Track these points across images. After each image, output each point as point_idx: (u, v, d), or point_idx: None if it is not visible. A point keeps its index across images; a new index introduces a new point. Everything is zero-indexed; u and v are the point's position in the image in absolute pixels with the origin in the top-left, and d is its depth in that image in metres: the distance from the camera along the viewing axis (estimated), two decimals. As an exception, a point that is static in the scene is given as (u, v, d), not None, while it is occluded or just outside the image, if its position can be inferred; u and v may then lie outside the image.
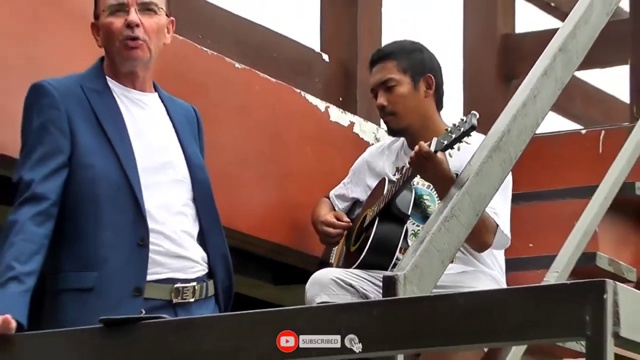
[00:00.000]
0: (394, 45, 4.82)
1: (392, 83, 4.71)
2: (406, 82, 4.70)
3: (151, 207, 3.74)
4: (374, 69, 4.78)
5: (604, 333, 2.73)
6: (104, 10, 3.83)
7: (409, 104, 4.69)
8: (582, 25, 4.82)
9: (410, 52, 4.76)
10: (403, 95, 4.70)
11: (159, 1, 3.85)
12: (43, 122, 3.73)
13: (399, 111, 4.71)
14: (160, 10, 3.85)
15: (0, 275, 3.56)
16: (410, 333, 3.04)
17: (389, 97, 4.72)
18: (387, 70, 4.72)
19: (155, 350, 3.28)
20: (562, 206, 5.15)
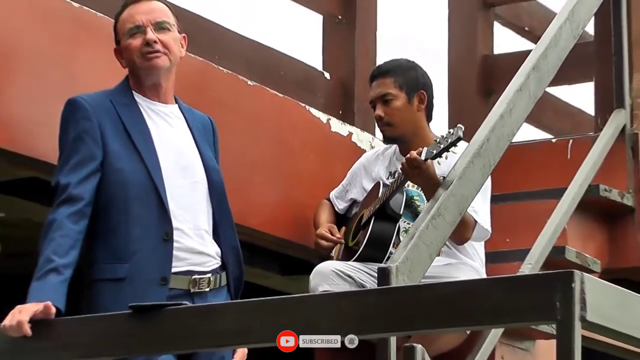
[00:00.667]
0: (392, 63, 4.82)
1: (389, 97, 4.73)
2: (401, 97, 4.73)
3: (174, 206, 3.74)
4: (373, 84, 4.80)
5: (572, 317, 2.72)
6: (124, 34, 3.84)
7: (403, 116, 4.72)
8: (552, 47, 4.84)
9: (406, 70, 4.78)
10: (398, 108, 4.73)
11: (170, 19, 3.86)
12: (78, 133, 3.73)
13: (395, 122, 4.74)
14: (172, 27, 3.86)
15: (41, 268, 3.55)
16: (402, 317, 3.03)
17: (385, 110, 4.74)
18: (385, 85, 4.74)
19: (178, 332, 3.29)
20: (535, 206, 5.14)
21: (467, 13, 6.53)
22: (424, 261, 3.97)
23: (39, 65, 4.13)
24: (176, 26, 3.88)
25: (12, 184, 4.42)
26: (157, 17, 3.84)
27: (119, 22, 3.88)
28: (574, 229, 5.18)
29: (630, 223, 5.44)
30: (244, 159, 4.75)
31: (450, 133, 4.43)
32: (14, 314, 3.43)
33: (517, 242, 4.97)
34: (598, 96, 5.69)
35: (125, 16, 3.86)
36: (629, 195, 5.42)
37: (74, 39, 4.24)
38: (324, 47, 5.66)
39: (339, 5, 5.60)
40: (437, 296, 3.02)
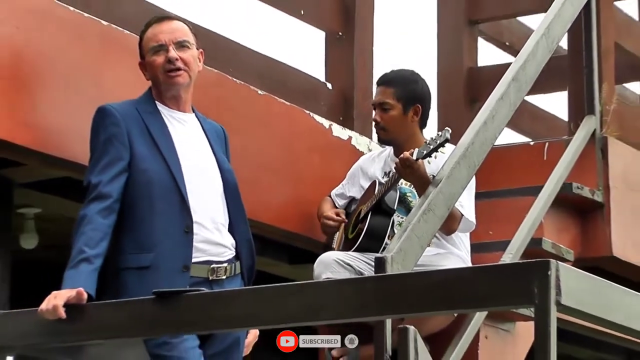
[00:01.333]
0: (397, 75, 4.78)
1: (387, 106, 4.72)
2: (398, 107, 4.71)
3: (193, 202, 3.73)
4: (377, 89, 4.78)
5: (549, 301, 2.73)
6: (148, 51, 3.84)
7: (397, 124, 4.71)
8: (530, 60, 4.84)
9: (408, 84, 4.74)
10: (393, 117, 4.72)
11: (189, 38, 3.86)
12: (107, 137, 3.73)
13: (389, 128, 4.73)
14: (191, 45, 3.86)
15: (74, 258, 3.55)
16: (396, 302, 3.03)
17: (382, 116, 4.74)
18: (385, 95, 4.72)
19: (197, 315, 3.30)
20: (515, 202, 5.13)
21: (454, 29, 6.52)
22: (416, 251, 3.97)
23: (71, 77, 4.13)
24: (195, 44, 3.88)
25: (48, 183, 4.42)
26: (178, 36, 3.84)
27: (144, 40, 3.88)
28: (549, 223, 5.18)
29: (600, 217, 5.44)
30: (256, 161, 4.75)
31: (439, 135, 4.43)
32: (49, 299, 3.43)
33: (499, 234, 4.96)
34: (571, 104, 5.69)
35: (149, 34, 3.86)
36: (598, 192, 5.42)
37: (102, 54, 4.24)
38: (326, 60, 5.66)
39: (339, 23, 5.60)
40: (427, 283, 3.02)
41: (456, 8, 6.49)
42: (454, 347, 4.48)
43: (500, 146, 5.17)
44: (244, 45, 5.20)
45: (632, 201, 5.61)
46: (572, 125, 5.54)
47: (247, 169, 4.30)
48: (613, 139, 5.52)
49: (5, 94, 3.91)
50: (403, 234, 3.95)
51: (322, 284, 3.65)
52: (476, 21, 6.61)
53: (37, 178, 4.34)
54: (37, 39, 4.03)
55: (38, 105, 4.03)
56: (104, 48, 4.24)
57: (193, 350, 3.64)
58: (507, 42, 6.90)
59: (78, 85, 4.13)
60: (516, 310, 4.68)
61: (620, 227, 5.48)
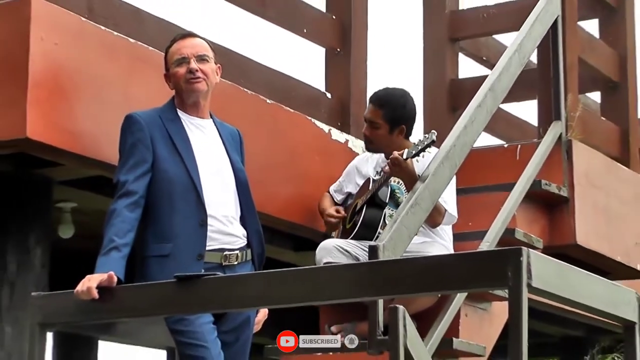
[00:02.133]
0: (388, 96, 4.68)
1: (375, 125, 4.67)
2: (385, 127, 4.64)
3: (208, 199, 3.73)
4: (369, 106, 4.71)
5: (521, 284, 2.72)
6: (172, 63, 3.84)
7: (382, 140, 4.66)
8: (504, 72, 4.85)
9: (396, 108, 4.65)
10: (380, 135, 4.66)
11: (209, 53, 3.86)
12: (134, 141, 3.72)
13: (375, 142, 4.70)
14: (210, 59, 3.85)
15: (105, 246, 3.56)
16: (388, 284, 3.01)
17: (371, 132, 4.69)
18: (375, 114, 4.66)
19: (212, 296, 3.29)
20: (491, 197, 5.13)
21: (438, 46, 6.53)
22: (404, 240, 3.97)
23: (102, 88, 4.13)
24: (213, 59, 3.88)
25: (82, 180, 4.42)
26: (199, 51, 3.84)
27: (169, 54, 3.88)
28: (521, 215, 5.17)
29: (566, 210, 5.44)
30: (264, 161, 4.74)
31: (426, 137, 4.43)
32: (84, 282, 3.43)
33: (477, 225, 4.96)
34: (540, 111, 5.69)
35: (173, 49, 3.86)
36: (564, 188, 5.42)
37: (129, 68, 4.24)
38: (326, 73, 5.66)
39: (337, 40, 5.60)
40: (415, 267, 3.02)
41: (439, 27, 6.50)
42: (438, 324, 4.48)
43: (478, 148, 5.17)
44: (253, 60, 5.20)
45: (593, 196, 5.61)
46: (541, 130, 5.54)
47: (256, 168, 4.30)
48: (577, 141, 5.52)
49: (45, 103, 3.91)
50: (393, 225, 3.96)
51: (323, 269, 3.67)
52: (457, 39, 6.61)
53: (73, 176, 4.34)
54: (73, 54, 4.03)
55: (74, 112, 4.03)
56: (131, 62, 4.24)
57: (207, 325, 3.64)
58: (484, 57, 6.90)
59: (108, 95, 4.13)
60: (492, 291, 4.67)
61: (583, 218, 5.48)
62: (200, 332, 3.61)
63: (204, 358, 3.60)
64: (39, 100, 3.88)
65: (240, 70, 4.88)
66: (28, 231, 4.15)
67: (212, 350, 3.62)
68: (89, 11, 4.29)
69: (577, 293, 3.01)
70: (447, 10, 6.51)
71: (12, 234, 4.12)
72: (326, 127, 5.22)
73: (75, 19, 4.08)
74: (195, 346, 3.60)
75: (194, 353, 3.60)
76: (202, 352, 3.60)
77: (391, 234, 3.88)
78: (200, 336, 3.61)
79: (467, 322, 4.76)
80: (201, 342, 3.60)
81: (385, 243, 3.80)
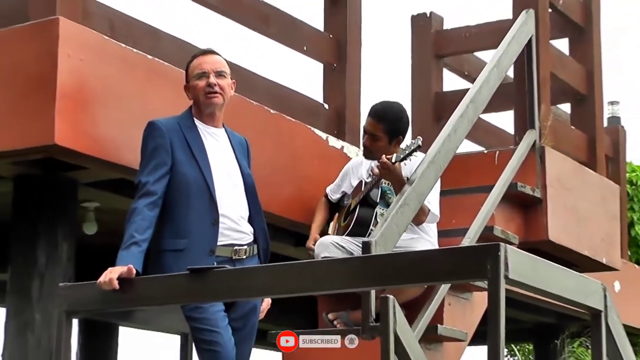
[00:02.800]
0: (387, 110, 4.65)
1: (376, 137, 4.63)
2: (385, 139, 4.62)
3: (220, 200, 3.72)
4: (369, 119, 4.67)
5: (499, 276, 2.73)
6: (192, 77, 3.84)
7: (381, 149, 4.61)
8: (484, 86, 4.85)
9: (395, 121, 4.62)
10: (380, 146, 4.62)
11: (226, 69, 3.86)
12: (154, 146, 3.72)
13: (374, 152, 4.65)
14: (227, 75, 3.86)
15: (126, 241, 3.55)
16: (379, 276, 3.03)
17: (371, 143, 4.66)
18: (376, 127, 4.63)
19: (223, 287, 3.29)
20: (472, 197, 5.13)
21: (424, 62, 6.53)
22: (394, 236, 3.98)
23: (123, 99, 4.13)
24: (229, 74, 3.88)
25: (105, 183, 4.41)
26: (218, 67, 3.84)
27: (190, 67, 3.87)
28: (499, 214, 5.18)
29: (539, 210, 5.44)
30: (268, 165, 4.73)
31: (413, 143, 4.43)
32: (106, 274, 3.43)
33: (460, 223, 4.95)
34: (516, 120, 5.68)
35: (195, 63, 3.86)
36: (538, 190, 5.43)
37: (147, 81, 4.23)
38: (324, 86, 5.65)
39: (334, 57, 5.60)
40: (404, 261, 3.02)
41: (426, 45, 6.51)
42: (424, 312, 4.48)
43: (461, 154, 5.17)
44: (258, 74, 5.20)
45: (564, 197, 5.62)
46: (516, 137, 5.53)
47: (262, 172, 4.30)
48: (549, 148, 5.52)
49: (72, 112, 3.91)
50: (384, 223, 3.96)
51: (321, 263, 3.66)
52: (442, 55, 6.62)
53: (96, 179, 4.33)
54: (96, 69, 4.03)
55: (97, 121, 4.02)
56: (148, 76, 4.24)
57: (219, 313, 3.64)
58: (466, 72, 6.90)
59: (128, 105, 4.13)
60: (473, 282, 4.67)
61: (555, 217, 5.49)
62: (214, 319, 3.61)
63: (217, 342, 3.60)
64: (66, 110, 3.87)
65: (247, 84, 4.88)
66: (56, 228, 4.14)
67: (224, 335, 3.62)
68: (111, 30, 4.29)
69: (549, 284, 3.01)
70: (432, 30, 6.52)
71: (41, 231, 4.11)
72: (324, 134, 5.21)
73: (99, 37, 4.08)
74: (209, 331, 3.60)
75: (207, 337, 3.61)
76: (214, 336, 3.60)
77: (382, 231, 3.88)
78: (214, 322, 3.61)
79: (451, 310, 4.76)
80: (214, 327, 3.61)
81: (377, 239, 3.80)
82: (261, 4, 5.19)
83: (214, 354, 3.59)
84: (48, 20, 3.93)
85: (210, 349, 3.60)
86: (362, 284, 3.18)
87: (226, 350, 3.61)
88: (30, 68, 3.93)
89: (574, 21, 6.32)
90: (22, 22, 4.02)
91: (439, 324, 4.62)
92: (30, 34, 3.96)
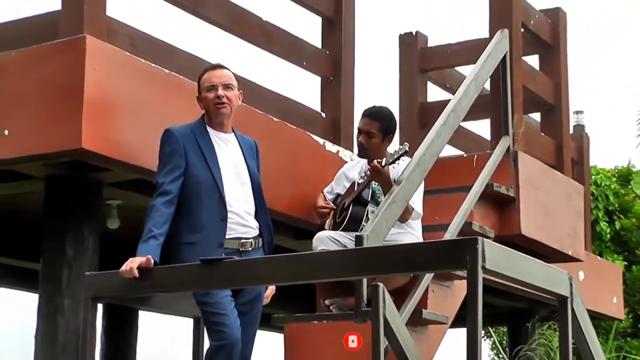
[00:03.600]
0: (381, 112, 4.66)
1: (372, 135, 4.63)
2: (379, 137, 4.63)
3: (229, 198, 3.73)
4: (365, 119, 4.66)
5: (477, 266, 2.73)
6: (203, 89, 3.85)
7: (375, 147, 4.63)
8: (464, 97, 4.86)
9: (388, 121, 4.64)
10: (375, 143, 4.64)
11: (233, 82, 3.87)
12: (170, 151, 3.73)
13: (369, 149, 4.66)
14: (234, 87, 3.87)
15: (145, 235, 3.56)
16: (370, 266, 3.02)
17: (367, 140, 4.67)
18: (372, 125, 4.63)
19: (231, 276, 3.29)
20: (453, 196, 5.12)
21: (411, 76, 6.53)
22: (384, 231, 3.97)
23: (142, 108, 4.12)
24: (237, 86, 3.88)
25: (127, 182, 4.41)
26: (226, 80, 3.84)
27: (201, 81, 3.88)
28: (477, 211, 5.18)
29: (513, 207, 5.44)
30: (272, 167, 4.72)
31: (400, 148, 4.43)
32: (127, 264, 3.43)
33: (442, 219, 4.95)
34: (492, 127, 5.69)
35: (205, 77, 3.87)
36: (511, 189, 5.43)
37: (164, 92, 4.22)
38: (322, 97, 5.65)
39: (330, 71, 5.60)
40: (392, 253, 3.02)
41: (412, 60, 6.51)
42: (411, 298, 4.48)
43: (443, 157, 5.17)
44: (263, 86, 5.20)
45: (535, 196, 5.62)
46: (493, 143, 5.54)
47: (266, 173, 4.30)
48: (521, 152, 5.52)
49: (97, 120, 3.91)
50: (375, 219, 3.96)
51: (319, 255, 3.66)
52: (426, 70, 6.62)
53: (119, 179, 4.32)
54: (119, 81, 4.03)
55: (119, 127, 4.02)
56: (165, 88, 4.23)
57: (226, 298, 3.65)
58: (447, 85, 6.90)
59: (147, 113, 4.13)
60: (454, 272, 4.68)
61: (526, 214, 5.49)
62: (222, 303, 3.62)
63: (223, 323, 3.61)
64: (92, 118, 3.87)
65: (253, 94, 4.88)
66: (82, 223, 4.14)
67: (230, 317, 3.63)
68: (132, 47, 4.29)
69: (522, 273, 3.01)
70: (418, 47, 6.52)
71: (69, 226, 4.11)
72: (321, 140, 5.20)
73: (121, 53, 4.08)
74: (217, 314, 3.62)
75: (216, 319, 3.62)
76: (222, 318, 3.61)
77: (373, 226, 3.88)
78: (222, 306, 3.62)
79: (434, 296, 4.76)
80: (222, 311, 3.62)
81: (369, 233, 3.80)
82: (266, 23, 5.19)
83: (222, 334, 3.60)
84: (76, 38, 3.93)
85: (219, 330, 3.61)
86: (355, 273, 3.19)
87: (232, 330, 3.62)
88: (60, 80, 3.93)
89: (544, 39, 6.33)
90: (53, 39, 4.03)
91: (424, 308, 4.62)
92: (61, 50, 3.96)
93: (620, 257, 9.39)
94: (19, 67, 4.04)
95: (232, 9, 4.96)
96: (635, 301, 9.26)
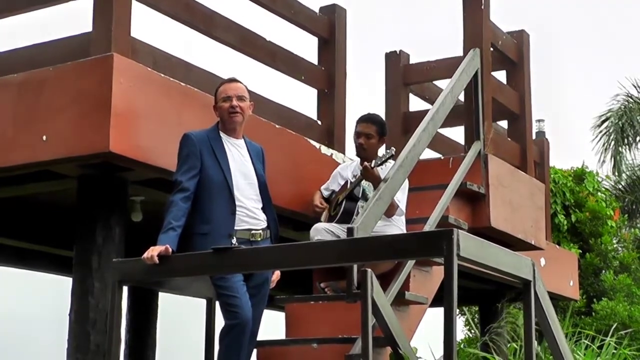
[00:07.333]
0: (376, 117, 4.72)
1: (370, 136, 4.66)
2: (376, 138, 4.66)
3: (238, 195, 3.73)
4: (364, 124, 4.68)
5: (452, 253, 2.74)
6: (219, 99, 3.87)
7: (372, 147, 4.65)
8: (441, 107, 4.86)
9: (382, 125, 4.70)
10: (372, 143, 4.66)
11: (246, 94, 3.88)
12: (187, 153, 3.73)
13: (368, 149, 4.67)
14: (246, 98, 3.88)
15: (165, 227, 3.56)
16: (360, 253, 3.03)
17: (366, 142, 4.68)
18: (370, 128, 4.66)
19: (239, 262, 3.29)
20: (432, 193, 5.11)
21: (395, 88, 6.52)
22: (372, 224, 3.97)
23: (162, 117, 4.12)
24: (249, 98, 3.89)
25: (148, 181, 4.40)
26: (239, 92, 3.85)
27: (218, 92, 3.89)
28: (453, 206, 5.17)
29: (483, 203, 5.43)
30: (275, 168, 4.71)
31: (388, 152, 4.45)
32: (149, 251, 3.44)
33: (423, 213, 4.95)
34: (466, 133, 5.68)
35: (221, 89, 3.88)
36: (482, 187, 5.42)
37: (181, 103, 4.22)
38: (318, 107, 5.66)
39: (326, 84, 5.60)
40: (379, 242, 3.03)
41: (396, 75, 6.50)
42: (395, 282, 4.48)
43: (423, 159, 5.17)
44: (267, 97, 5.20)
45: (502, 193, 5.62)
46: (466, 147, 5.53)
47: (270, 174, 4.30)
48: (491, 155, 5.52)
49: (123, 127, 3.91)
50: (364, 213, 3.96)
51: (315, 244, 3.68)
52: (409, 84, 6.60)
53: (142, 178, 4.32)
54: (142, 93, 4.03)
55: (142, 133, 4.01)
56: (182, 99, 4.23)
57: (239, 282, 3.65)
58: (427, 97, 6.90)
59: (166, 121, 4.12)
60: (433, 259, 4.68)
61: (495, 208, 5.49)
62: (235, 286, 3.62)
63: (237, 305, 3.61)
64: (118, 125, 3.87)
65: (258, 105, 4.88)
66: (110, 216, 4.14)
67: (242, 298, 3.63)
68: (154, 64, 4.29)
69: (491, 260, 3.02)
70: (401, 64, 6.52)
71: (99, 218, 4.11)
72: (317, 144, 5.20)
73: (144, 69, 4.07)
74: (231, 296, 3.62)
75: (230, 301, 3.62)
76: (235, 300, 3.61)
77: (362, 219, 3.88)
78: (235, 289, 3.62)
79: (416, 280, 4.76)
80: (234, 293, 3.62)
81: (359, 226, 3.80)
82: (269, 43, 5.20)
83: (235, 314, 3.61)
84: (105, 56, 3.94)
85: (232, 310, 3.61)
86: (347, 260, 3.19)
87: (244, 311, 3.62)
88: (91, 93, 3.93)
89: (510, 57, 6.33)
90: (85, 57, 4.03)
91: (406, 290, 4.62)
92: (92, 66, 3.96)
93: (576, 246, 9.41)
94: (56, 81, 4.04)
95: (240, 31, 4.96)
96: (588, 284, 9.28)
